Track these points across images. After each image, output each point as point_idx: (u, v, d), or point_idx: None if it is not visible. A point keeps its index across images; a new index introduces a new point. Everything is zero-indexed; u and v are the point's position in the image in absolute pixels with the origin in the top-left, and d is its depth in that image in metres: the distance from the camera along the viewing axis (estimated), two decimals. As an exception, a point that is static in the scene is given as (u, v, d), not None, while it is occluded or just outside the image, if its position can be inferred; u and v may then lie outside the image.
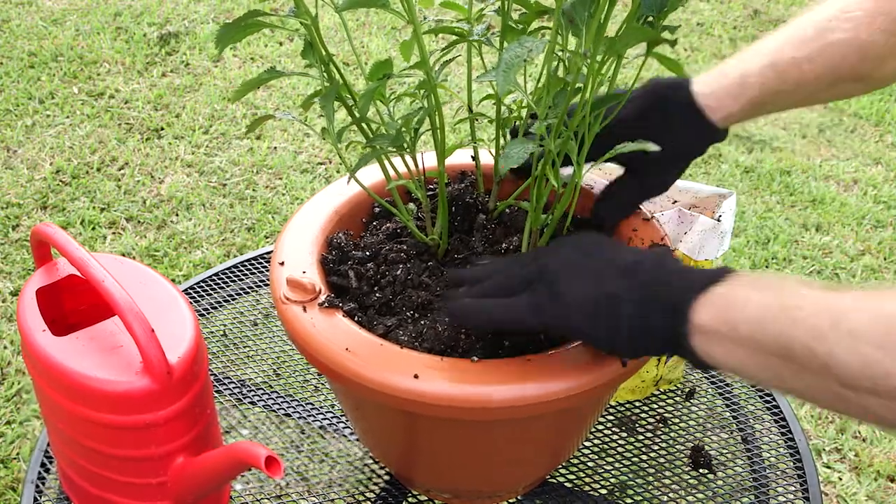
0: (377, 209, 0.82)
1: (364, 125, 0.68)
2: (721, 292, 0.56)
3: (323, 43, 0.63)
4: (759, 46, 0.74)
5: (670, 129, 0.73)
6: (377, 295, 0.71)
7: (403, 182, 0.73)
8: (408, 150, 0.70)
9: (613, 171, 0.93)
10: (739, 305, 0.55)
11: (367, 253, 0.75)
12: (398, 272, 0.72)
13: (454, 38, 0.71)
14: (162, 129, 2.49)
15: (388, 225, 0.79)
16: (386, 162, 0.73)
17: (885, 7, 0.73)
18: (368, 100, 0.65)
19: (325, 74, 0.64)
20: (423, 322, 0.68)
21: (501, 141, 0.75)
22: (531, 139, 0.65)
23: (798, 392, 0.53)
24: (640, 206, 0.79)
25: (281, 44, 2.93)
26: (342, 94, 0.66)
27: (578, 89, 0.63)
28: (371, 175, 0.79)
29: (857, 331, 0.48)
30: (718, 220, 0.91)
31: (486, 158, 0.82)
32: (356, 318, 0.68)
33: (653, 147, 0.67)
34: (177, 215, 2.18)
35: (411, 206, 0.78)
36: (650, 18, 0.62)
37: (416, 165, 0.74)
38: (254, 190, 2.28)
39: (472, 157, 0.82)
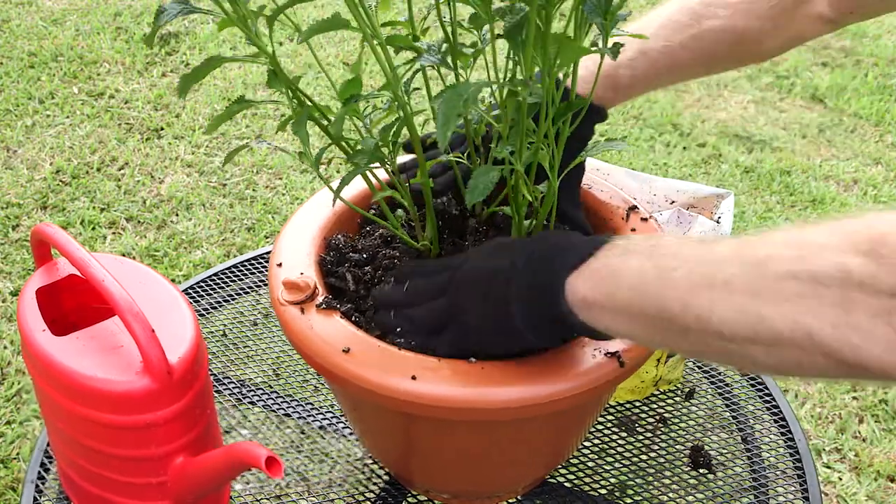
0: (372, 210, 0.82)
1: (342, 142, 0.68)
2: (597, 265, 0.56)
3: (284, 74, 0.63)
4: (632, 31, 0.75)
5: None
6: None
7: (389, 193, 0.73)
8: (388, 163, 0.70)
9: (611, 171, 0.94)
10: (616, 275, 0.55)
11: (364, 256, 0.75)
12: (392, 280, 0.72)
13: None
14: (162, 129, 2.49)
15: (381, 231, 0.78)
16: (370, 173, 0.72)
17: None
18: (341, 123, 0.65)
19: (294, 101, 0.65)
20: None
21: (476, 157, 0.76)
22: (496, 165, 0.64)
23: (686, 351, 0.54)
24: (638, 206, 0.79)
25: (281, 44, 2.93)
26: (313, 114, 0.66)
27: (536, 104, 0.62)
28: (358, 182, 0.78)
29: (730, 282, 0.48)
30: (718, 222, 0.91)
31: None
32: (353, 320, 0.68)
33: (622, 146, 0.68)
34: (177, 215, 2.18)
35: (400, 212, 0.77)
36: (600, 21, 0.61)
37: (399, 174, 0.73)
38: (254, 190, 2.28)
39: (448, 168, 0.81)
